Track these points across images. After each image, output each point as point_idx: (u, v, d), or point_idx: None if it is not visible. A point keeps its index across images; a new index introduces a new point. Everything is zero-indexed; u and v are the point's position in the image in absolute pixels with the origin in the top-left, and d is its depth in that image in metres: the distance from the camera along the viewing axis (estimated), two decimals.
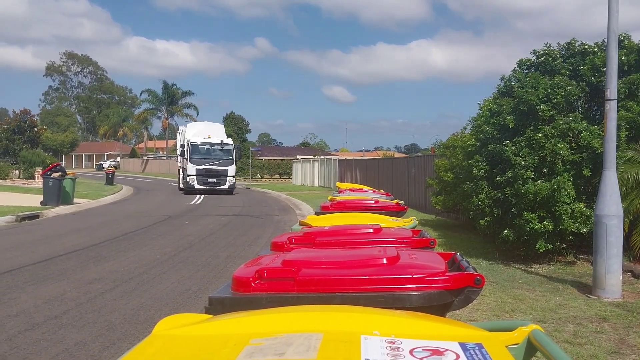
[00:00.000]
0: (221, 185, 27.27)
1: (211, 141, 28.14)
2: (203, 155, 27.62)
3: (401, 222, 4.48)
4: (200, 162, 27.16)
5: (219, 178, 27.30)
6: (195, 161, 27.19)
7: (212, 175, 27.18)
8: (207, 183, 26.94)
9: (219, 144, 28.27)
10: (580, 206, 8.43)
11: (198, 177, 26.99)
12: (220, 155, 28.07)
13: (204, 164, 27.14)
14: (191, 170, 26.98)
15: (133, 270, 8.21)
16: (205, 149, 28.06)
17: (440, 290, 2.10)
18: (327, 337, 1.28)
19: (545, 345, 1.40)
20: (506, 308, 6.24)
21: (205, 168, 27.04)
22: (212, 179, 27.12)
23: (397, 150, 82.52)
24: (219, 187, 27.19)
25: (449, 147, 14.02)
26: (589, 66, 9.30)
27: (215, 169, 27.29)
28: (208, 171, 27.11)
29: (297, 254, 2.52)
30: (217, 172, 27.27)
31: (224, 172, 27.55)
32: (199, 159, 27.28)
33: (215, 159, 27.59)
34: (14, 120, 42.79)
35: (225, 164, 27.74)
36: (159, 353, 1.32)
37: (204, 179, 26.97)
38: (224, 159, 27.93)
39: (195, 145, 27.73)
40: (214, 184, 27.12)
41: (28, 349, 4.74)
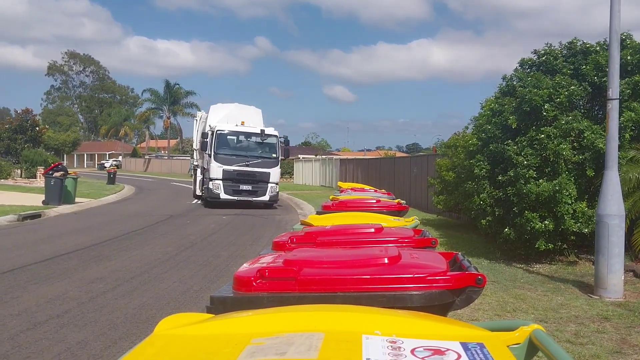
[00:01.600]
0: (259, 196, 19.09)
1: (246, 130, 19.65)
2: (234, 151, 19.36)
3: (402, 221, 4.48)
4: (230, 161, 18.98)
5: (256, 185, 19.07)
6: (222, 159, 18.91)
7: (247, 180, 19.01)
8: (240, 192, 18.94)
9: (257, 135, 19.56)
10: (582, 206, 8.42)
11: (226, 182, 18.77)
12: (258, 152, 19.70)
13: (235, 164, 18.96)
14: (216, 171, 18.73)
15: (135, 270, 8.22)
16: (237, 142, 19.88)
17: (442, 289, 2.10)
18: (329, 337, 1.28)
19: (547, 345, 1.40)
20: (508, 308, 6.23)
21: (237, 170, 18.86)
22: (247, 187, 19.01)
23: (399, 150, 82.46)
24: (256, 197, 19.09)
25: (450, 146, 14.02)
26: (591, 65, 9.28)
27: (252, 171, 19.02)
28: (241, 174, 18.89)
29: (298, 253, 2.52)
30: (254, 176, 19.01)
31: (263, 177, 19.15)
32: (228, 156, 19.06)
33: (251, 157, 19.32)
34: (15, 119, 42.84)
35: (265, 165, 19.31)
36: (160, 352, 1.33)
37: (235, 186, 18.88)
38: (264, 157, 19.51)
39: (223, 135, 19.16)
40: (249, 193, 19.06)
41: (30, 348, 4.75)
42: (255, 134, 19.62)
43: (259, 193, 19.07)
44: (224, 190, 18.77)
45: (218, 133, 18.94)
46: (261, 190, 19.10)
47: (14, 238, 11.44)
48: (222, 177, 18.77)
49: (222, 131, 19.20)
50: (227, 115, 20.33)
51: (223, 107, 21.48)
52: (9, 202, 17.82)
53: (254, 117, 20.93)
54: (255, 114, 21.27)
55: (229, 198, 18.74)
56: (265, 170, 19.19)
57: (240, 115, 20.24)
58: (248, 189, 19.01)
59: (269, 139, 19.72)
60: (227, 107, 21.41)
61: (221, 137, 19.15)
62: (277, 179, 19.67)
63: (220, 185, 18.76)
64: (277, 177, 19.74)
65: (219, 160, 18.89)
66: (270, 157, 19.57)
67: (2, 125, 42.43)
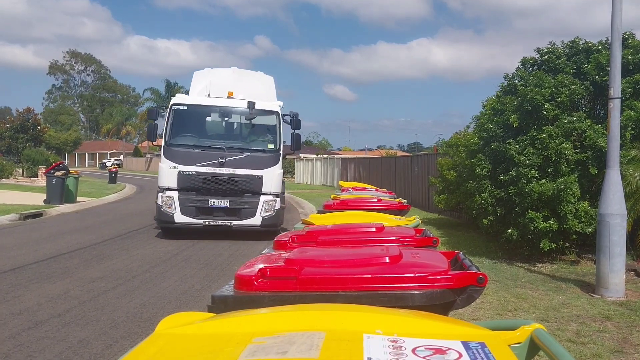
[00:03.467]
0: (244, 218, 11.27)
1: (223, 104, 11.91)
2: (200, 140, 11.73)
3: (404, 220, 4.48)
4: (192, 158, 11.25)
5: (238, 199, 11.29)
6: (178, 154, 11.29)
7: (223, 190, 11.23)
8: (209, 211, 11.25)
9: (242, 111, 11.86)
10: (584, 205, 8.41)
11: (185, 195, 11.15)
12: (244, 141, 12.12)
13: (201, 162, 11.21)
14: (168, 176, 11.22)
15: (136, 269, 8.23)
16: (206, 125, 12.51)
17: (443, 289, 2.10)
18: (330, 336, 1.28)
19: (548, 345, 1.39)
20: (509, 307, 6.23)
21: (203, 172, 11.16)
22: (222, 202, 11.21)
23: (400, 149, 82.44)
24: (239, 221, 11.28)
25: (451, 145, 14.01)
26: (593, 65, 9.27)
27: (231, 174, 11.23)
28: (212, 180, 11.17)
29: (299, 252, 2.52)
30: (234, 182, 11.23)
31: (252, 184, 11.31)
32: (189, 150, 11.38)
33: (231, 150, 11.47)
34: (17, 118, 42.87)
35: (255, 163, 11.39)
36: (161, 351, 1.33)
37: (201, 202, 11.19)
38: (253, 149, 11.63)
39: (181, 114, 11.55)
40: (227, 213, 11.29)
41: (31, 347, 4.76)
42: (237, 110, 11.75)
43: (244, 213, 11.10)
44: (180, 208, 10.91)
45: (173, 110, 11.28)
46: (247, 208, 11.11)
47: (15, 237, 11.45)
48: (178, 186, 10.91)
49: (180, 106, 11.33)
50: (210, 85, 12.37)
51: (211, 74, 13.13)
52: (10, 201, 17.85)
53: (256, 88, 12.60)
54: (260, 84, 13.03)
55: (189, 222, 10.98)
56: (255, 173, 11.10)
57: (231, 85, 12.22)
58: (223, 205, 11.04)
59: (263, 119, 11.75)
60: (216, 73, 13.19)
61: (177, 117, 11.32)
62: (277, 187, 11.35)
63: (174, 201, 10.88)
64: (278, 184, 11.41)
65: (173, 157, 11.08)
66: (265, 150, 11.43)
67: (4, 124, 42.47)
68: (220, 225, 11.22)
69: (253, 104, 11.42)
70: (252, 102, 11.41)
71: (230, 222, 11.23)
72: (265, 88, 13.11)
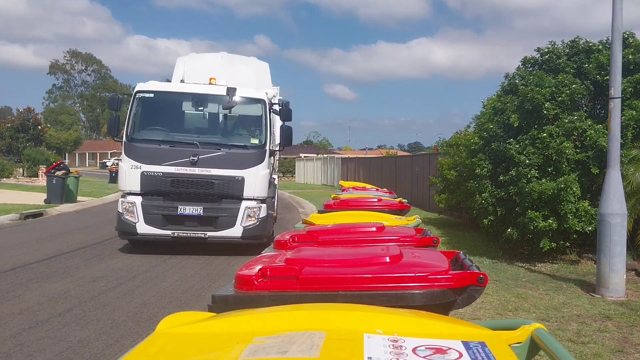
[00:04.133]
0: (221, 228, 9.35)
1: (196, 91, 9.95)
2: (169, 135, 9.83)
3: (404, 220, 4.48)
4: (159, 156, 9.33)
5: (213, 206, 9.36)
6: (141, 151, 9.43)
7: (195, 195, 9.33)
8: (179, 220, 9.37)
9: (218, 99, 9.85)
10: (584, 205, 8.41)
11: (150, 201, 9.33)
12: (223, 135, 10.15)
13: (169, 161, 9.30)
14: (129, 178, 9.39)
15: (136, 268, 8.23)
16: (176, 116, 10.50)
17: (443, 288, 2.10)
18: (330, 336, 1.28)
19: (549, 344, 1.39)
20: (509, 307, 6.23)
21: (171, 173, 9.27)
22: (194, 209, 9.33)
23: (401, 149, 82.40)
24: (216, 232, 9.37)
25: (452, 145, 14.01)
26: (594, 64, 9.27)
27: (205, 175, 9.30)
28: (181, 182, 9.29)
29: (300, 252, 2.52)
30: (209, 185, 9.31)
31: (230, 187, 9.35)
32: (155, 146, 9.48)
33: (205, 146, 9.45)
34: (17, 118, 42.95)
35: (235, 161, 9.41)
36: (162, 351, 1.33)
37: (169, 208, 9.33)
38: (232, 145, 9.67)
39: (145, 103, 9.77)
40: (200, 222, 9.38)
41: (32, 347, 4.76)
42: (214, 98, 9.86)
43: (221, 222, 9.27)
44: (144, 216, 9.19)
45: (137, 98, 9.58)
46: (225, 217, 9.28)
47: (16, 237, 11.46)
48: (142, 190, 9.25)
49: (145, 94, 9.63)
50: (192, 71, 11.11)
51: (195, 59, 12.11)
52: (11, 201, 17.86)
53: (247, 75, 11.33)
54: (252, 70, 11.78)
55: (155, 233, 9.23)
56: (235, 173, 9.27)
57: (217, 71, 10.62)
58: (196, 213, 9.24)
59: (246, 109, 10.02)
60: (201, 58, 12.17)
61: (142, 107, 9.65)
62: (262, 190, 9.46)
63: (136, 208, 9.22)
64: (264, 186, 9.50)
65: (135, 155, 9.29)
66: (247, 146, 9.62)
67: (4, 124, 42.52)
68: (192, 236, 9.29)
69: (233, 91, 9.63)
70: (233, 88, 9.65)
71: (204, 234, 9.31)
72: (259, 75, 11.91)
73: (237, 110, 10.01)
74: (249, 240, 9.33)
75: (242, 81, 10.52)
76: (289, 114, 10.20)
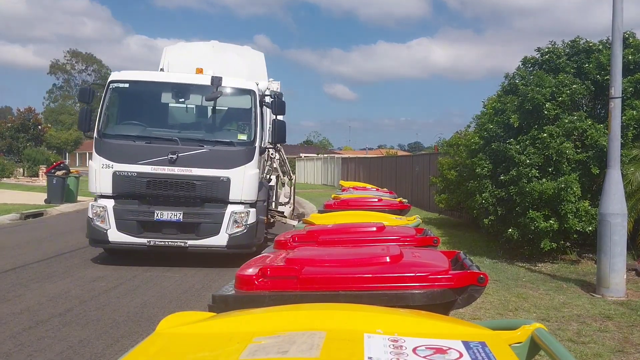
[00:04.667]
0: (204, 236, 8.22)
1: (177, 81, 8.79)
2: (145, 130, 8.62)
3: (404, 220, 4.48)
4: (134, 153, 8.23)
5: (195, 210, 8.25)
6: (114, 148, 8.34)
7: (174, 198, 8.24)
8: (155, 227, 8.25)
9: (202, 90, 8.69)
10: (585, 205, 8.41)
11: (123, 204, 8.23)
12: (208, 131, 8.99)
13: (145, 159, 8.17)
14: (100, 179, 8.28)
15: (136, 268, 8.22)
16: (155, 110, 9.35)
17: (444, 288, 2.10)
18: (330, 336, 1.28)
19: (549, 344, 1.39)
20: (510, 306, 6.23)
21: (147, 173, 8.16)
22: (173, 213, 8.17)
23: (401, 149, 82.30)
24: (198, 240, 8.24)
25: (452, 145, 14.01)
26: (594, 64, 9.26)
27: (185, 175, 8.17)
28: (159, 184, 8.18)
29: (300, 252, 2.52)
30: (190, 187, 8.20)
31: (214, 189, 8.24)
32: (130, 142, 8.37)
33: (186, 142, 8.35)
34: (18, 118, 42.96)
35: (220, 160, 8.28)
36: (162, 351, 1.33)
37: (145, 213, 8.20)
38: (217, 142, 8.44)
39: (119, 94, 8.77)
40: (179, 229, 8.26)
41: (32, 346, 4.76)
42: (197, 89, 8.82)
43: (204, 229, 8.23)
44: (116, 222, 8.16)
45: (111, 89, 8.59)
46: (208, 223, 8.25)
47: (16, 236, 11.46)
48: (114, 192, 8.24)
49: (119, 84, 8.70)
50: (178, 61, 10.37)
51: (184, 48, 11.49)
52: (11, 201, 17.86)
53: (239, 65, 10.58)
54: (245, 60, 11.02)
55: (128, 242, 8.22)
56: (220, 174, 8.22)
57: (206, 61, 9.72)
58: (175, 219, 8.19)
59: (232, 101, 9.08)
60: (190, 48, 11.52)
61: (116, 99, 8.77)
62: (251, 192, 8.43)
63: (107, 213, 8.18)
64: (252, 188, 8.46)
65: (107, 152, 8.29)
66: (234, 142, 8.48)
67: (4, 124, 42.54)
68: (170, 245, 8.20)
69: (219, 80, 8.51)
70: (218, 77, 8.56)
71: (184, 242, 8.19)
72: (252, 65, 10.89)
73: (223, 102, 8.99)
74: (236, 250, 8.24)
75: (233, 72, 9.51)
76: (281, 107, 9.05)
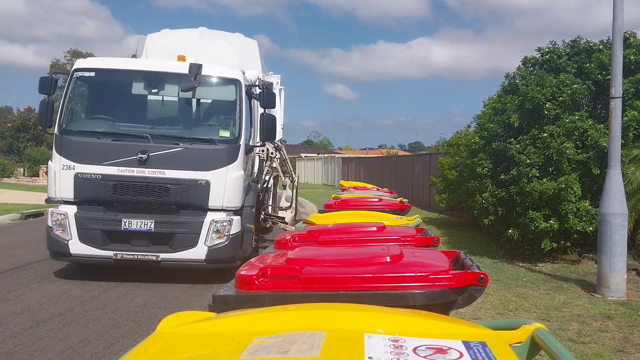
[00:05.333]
0: (180, 248, 7.06)
1: (149, 69, 7.67)
2: (113, 126, 7.54)
3: (405, 220, 4.48)
4: (99, 152, 7.13)
5: (168, 218, 7.11)
6: (77, 146, 7.22)
7: (145, 204, 7.09)
8: (123, 237, 7.09)
9: (178, 78, 7.42)
10: (585, 204, 8.41)
11: (86, 211, 7.14)
12: (186, 125, 7.90)
13: (112, 159, 7.06)
14: (61, 182, 7.31)
15: (137, 268, 8.21)
16: (134, 101, 8.09)
17: (444, 288, 2.10)
18: (331, 336, 1.28)
19: (549, 344, 1.39)
20: (510, 306, 6.22)
21: (114, 175, 7.03)
22: (143, 222, 7.04)
23: (401, 148, 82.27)
24: (172, 253, 7.06)
25: (453, 145, 14.01)
26: (595, 64, 9.25)
27: (158, 178, 7.03)
28: (127, 187, 7.06)
29: (300, 252, 2.52)
30: (163, 192, 7.06)
31: (190, 194, 7.09)
32: (95, 140, 7.22)
33: (158, 140, 7.18)
34: (18, 118, 43.01)
35: (197, 160, 7.12)
36: (162, 351, 1.33)
37: (111, 222, 7.06)
38: (195, 139, 7.29)
39: (84, 84, 7.75)
40: (151, 240, 7.11)
41: (32, 346, 4.77)
42: (174, 78, 7.65)
43: (179, 240, 7.15)
44: (79, 232, 7.13)
45: (75, 78, 7.57)
46: (184, 233, 7.16)
47: (17, 236, 11.46)
48: (76, 198, 7.25)
49: (84, 73, 7.64)
50: (156, 49, 9.60)
51: (167, 34, 10.36)
52: (11, 201, 17.87)
53: (229, 54, 9.48)
54: (235, 49, 9.96)
55: (92, 255, 7.12)
56: (197, 176, 7.14)
57: (191, 50, 8.47)
58: (146, 228, 7.12)
59: (214, 92, 8.00)
60: (175, 35, 10.32)
61: (81, 90, 7.87)
62: (234, 198, 7.33)
63: (68, 221, 7.19)
64: (236, 193, 7.35)
65: (69, 151, 7.29)
66: (215, 140, 7.37)
67: (5, 124, 42.59)
68: (140, 259, 7.05)
69: (198, 68, 7.28)
70: (197, 64, 7.33)
71: (156, 255, 7.02)
72: (243, 54, 9.73)
73: (204, 93, 7.84)
74: (216, 264, 7.17)
75: (221, 61, 8.17)
76: (270, 99, 7.75)
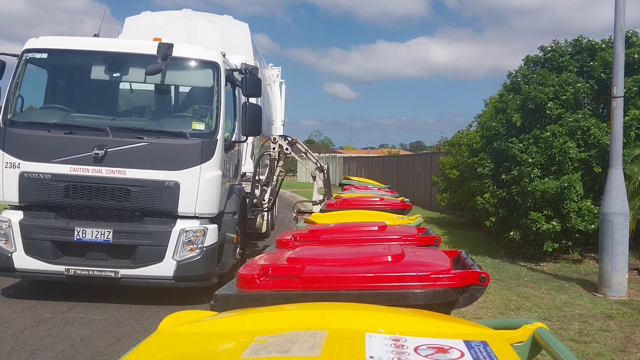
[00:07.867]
0: (143, 263, 5.86)
1: (124, 49, 6.34)
2: (68, 117, 6.31)
3: (406, 219, 4.48)
4: (51, 147, 5.94)
5: (130, 227, 5.96)
6: (24, 140, 6.00)
7: (103, 210, 5.99)
8: (77, 250, 5.96)
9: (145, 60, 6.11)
10: (587, 204, 8.39)
11: (33, 219, 5.94)
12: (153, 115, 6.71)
13: (64, 156, 5.88)
14: (2, 186, 5.96)
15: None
16: (93, 87, 6.81)
17: (445, 288, 2.10)
18: (332, 335, 1.28)
19: (551, 344, 1.39)
20: (511, 306, 6.22)
21: (66, 175, 5.86)
22: (100, 232, 5.86)
23: (402, 148, 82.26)
24: (133, 268, 5.87)
25: (454, 144, 14.00)
26: (599, 62, 9.20)
27: (118, 179, 5.88)
28: (82, 190, 5.88)
29: (301, 251, 2.52)
30: (125, 195, 5.89)
31: (156, 198, 5.89)
32: (44, 133, 6.01)
33: (119, 133, 5.99)
34: None
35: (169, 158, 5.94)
36: (164, 350, 1.33)
37: (63, 231, 5.88)
38: (167, 130, 6.09)
39: (40, 65, 6.56)
40: (110, 252, 5.95)
41: (34, 345, 4.77)
42: (139, 60, 6.38)
43: (142, 253, 5.93)
44: (24, 243, 5.91)
45: (25, 60, 6.27)
46: (148, 245, 5.94)
47: None
48: (21, 201, 6.01)
49: (35, 54, 6.38)
50: (132, 31, 9.02)
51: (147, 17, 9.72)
52: None
53: (215, 38, 8.57)
54: (217, 30, 9.09)
55: (40, 270, 5.99)
56: (164, 176, 5.93)
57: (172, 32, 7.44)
58: (103, 239, 5.92)
59: (187, 76, 6.84)
60: (156, 17, 9.66)
61: (31, 74, 6.52)
62: (210, 202, 6.15)
63: (12, 229, 5.93)
64: (212, 196, 6.16)
65: (14, 146, 6.02)
66: (186, 133, 6.10)
67: None
68: (95, 275, 5.93)
69: (167, 48, 6.09)
70: (168, 44, 6.12)
71: (115, 271, 5.91)
72: (231, 38, 8.69)
73: (176, 78, 6.76)
74: (187, 283, 6.08)
75: (201, 43, 6.90)
76: (254, 86, 6.63)
